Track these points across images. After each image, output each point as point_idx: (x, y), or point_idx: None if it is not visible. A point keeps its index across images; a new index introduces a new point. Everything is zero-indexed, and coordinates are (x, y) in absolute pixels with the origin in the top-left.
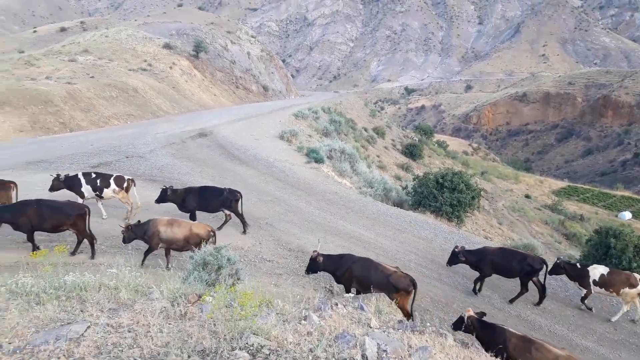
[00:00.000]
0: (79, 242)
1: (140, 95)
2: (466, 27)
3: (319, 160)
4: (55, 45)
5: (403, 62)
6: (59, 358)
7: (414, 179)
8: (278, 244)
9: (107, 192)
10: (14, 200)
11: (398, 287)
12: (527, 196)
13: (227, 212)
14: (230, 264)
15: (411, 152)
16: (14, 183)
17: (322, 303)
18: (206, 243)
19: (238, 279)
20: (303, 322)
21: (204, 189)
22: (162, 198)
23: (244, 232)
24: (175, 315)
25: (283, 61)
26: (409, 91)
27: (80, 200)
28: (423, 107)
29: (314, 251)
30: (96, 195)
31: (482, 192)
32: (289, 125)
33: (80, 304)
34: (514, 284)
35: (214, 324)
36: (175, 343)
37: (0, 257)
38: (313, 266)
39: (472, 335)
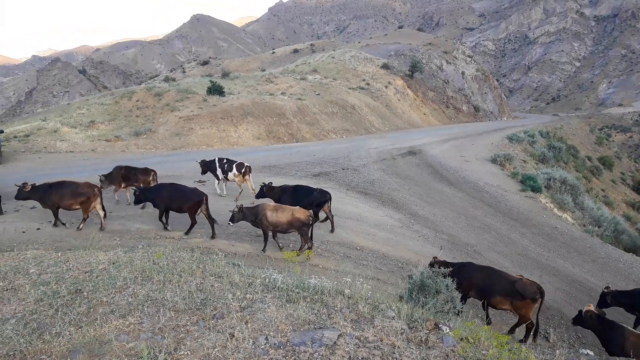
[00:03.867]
0: (192, 225)
1: (357, 112)
2: None
3: (535, 189)
4: (289, 65)
5: None
6: None
7: None
8: None
9: (230, 175)
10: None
11: (524, 295)
12: None
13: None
14: (448, 291)
15: None
16: (154, 171)
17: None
18: (308, 227)
19: (454, 308)
20: None
21: (297, 188)
22: (261, 194)
23: (332, 230)
24: (416, 340)
25: (497, 81)
26: None
27: (216, 181)
28: None
29: (433, 257)
30: (224, 177)
31: None
32: (502, 149)
33: (325, 309)
34: None
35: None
36: None
37: (237, 247)
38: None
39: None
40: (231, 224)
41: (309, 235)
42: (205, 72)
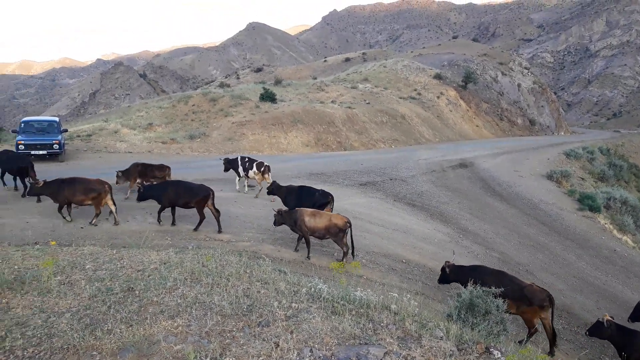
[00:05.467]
0: (201, 220)
1: (407, 122)
2: None
3: (594, 209)
4: (340, 74)
5: None
6: None
7: None
8: None
9: (250, 173)
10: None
11: (532, 301)
12: None
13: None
14: (498, 312)
15: None
16: (169, 167)
17: None
18: (344, 233)
19: (504, 330)
20: None
21: (301, 188)
22: (271, 191)
23: None
24: None
25: (554, 94)
26: None
27: (237, 178)
28: None
29: (446, 262)
30: (245, 174)
31: None
32: (559, 165)
33: (371, 324)
34: None
35: None
36: None
37: (283, 253)
38: (444, 277)
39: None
40: (274, 226)
41: (344, 241)
42: (258, 78)
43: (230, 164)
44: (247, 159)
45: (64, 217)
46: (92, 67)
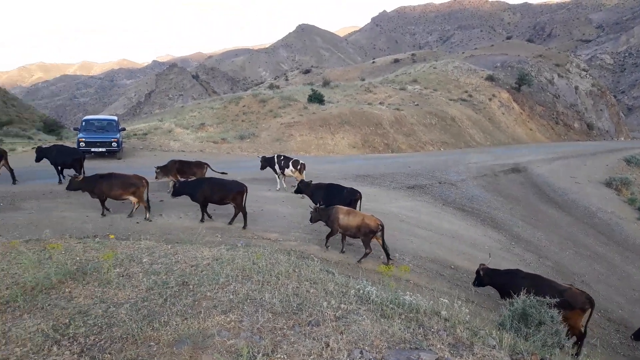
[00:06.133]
0: (235, 214)
1: (456, 125)
2: None
3: None
4: (389, 75)
5: None
6: None
7: None
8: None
9: (287, 171)
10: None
11: (574, 305)
12: None
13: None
14: (553, 322)
15: None
16: (208, 164)
17: None
18: (374, 235)
19: (559, 342)
20: None
21: (329, 186)
22: (299, 190)
23: None
24: None
25: (614, 97)
26: None
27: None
28: None
29: (480, 264)
30: (281, 172)
31: None
32: (619, 171)
33: (421, 329)
34: None
35: None
36: None
37: (329, 254)
38: (478, 280)
39: None
40: (311, 223)
41: (380, 242)
42: (306, 80)
43: (266, 162)
44: (282, 157)
45: (105, 210)
46: (148, 68)
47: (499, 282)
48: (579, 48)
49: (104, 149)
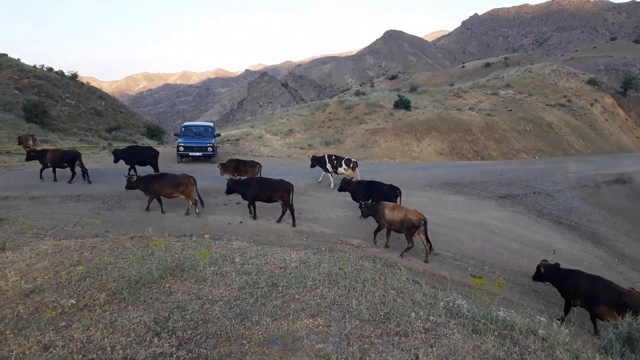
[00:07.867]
0: (284, 212)
1: (554, 131)
2: None
3: None
4: (480, 80)
5: None
6: None
7: None
8: None
9: (340, 170)
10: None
11: (632, 307)
12: None
13: None
14: None
15: None
16: (260, 164)
17: None
18: (416, 229)
19: None
20: None
21: (370, 183)
22: (342, 187)
23: None
24: None
25: None
26: None
27: (322, 172)
28: None
29: (542, 260)
30: (334, 171)
31: None
32: None
33: (517, 348)
34: None
35: None
36: None
37: (413, 262)
38: (538, 274)
39: None
40: (362, 218)
41: (423, 237)
42: (393, 86)
43: (316, 161)
44: (334, 157)
45: (162, 210)
46: (241, 77)
47: (558, 279)
48: None
49: (200, 154)
